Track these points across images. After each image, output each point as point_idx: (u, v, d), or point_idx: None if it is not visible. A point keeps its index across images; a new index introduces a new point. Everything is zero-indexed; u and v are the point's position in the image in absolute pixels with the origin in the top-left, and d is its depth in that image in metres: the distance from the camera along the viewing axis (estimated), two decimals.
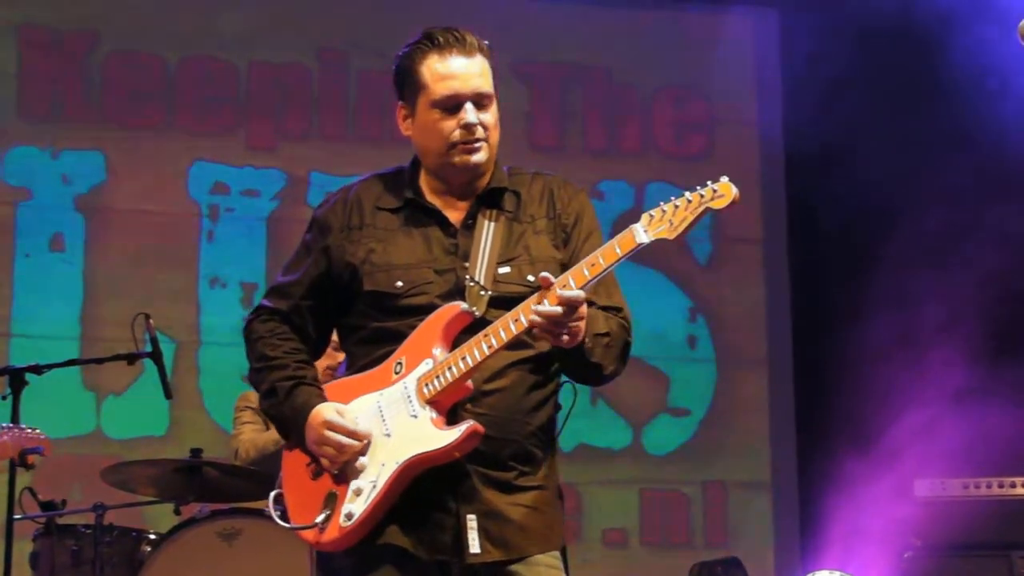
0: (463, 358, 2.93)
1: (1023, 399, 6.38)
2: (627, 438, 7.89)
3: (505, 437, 3.00)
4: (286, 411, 3.08)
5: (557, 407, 3.16)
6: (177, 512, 5.34)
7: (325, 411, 3.02)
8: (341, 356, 3.39)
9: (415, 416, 2.96)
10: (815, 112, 7.52)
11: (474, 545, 2.96)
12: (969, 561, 5.80)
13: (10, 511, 4.74)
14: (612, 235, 3.07)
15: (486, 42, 3.14)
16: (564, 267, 3.05)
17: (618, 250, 2.88)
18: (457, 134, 3.07)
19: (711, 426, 8.01)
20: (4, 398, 4.79)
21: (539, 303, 2.87)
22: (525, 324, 2.88)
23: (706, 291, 8.11)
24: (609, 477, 7.77)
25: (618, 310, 3.12)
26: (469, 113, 3.07)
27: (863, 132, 7.38)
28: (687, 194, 2.89)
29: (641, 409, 7.90)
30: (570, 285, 2.87)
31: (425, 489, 2.97)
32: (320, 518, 2.98)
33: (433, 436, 2.93)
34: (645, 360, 7.68)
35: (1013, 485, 5.86)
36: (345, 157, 7.61)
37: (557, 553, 3.08)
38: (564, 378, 3.16)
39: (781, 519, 7.97)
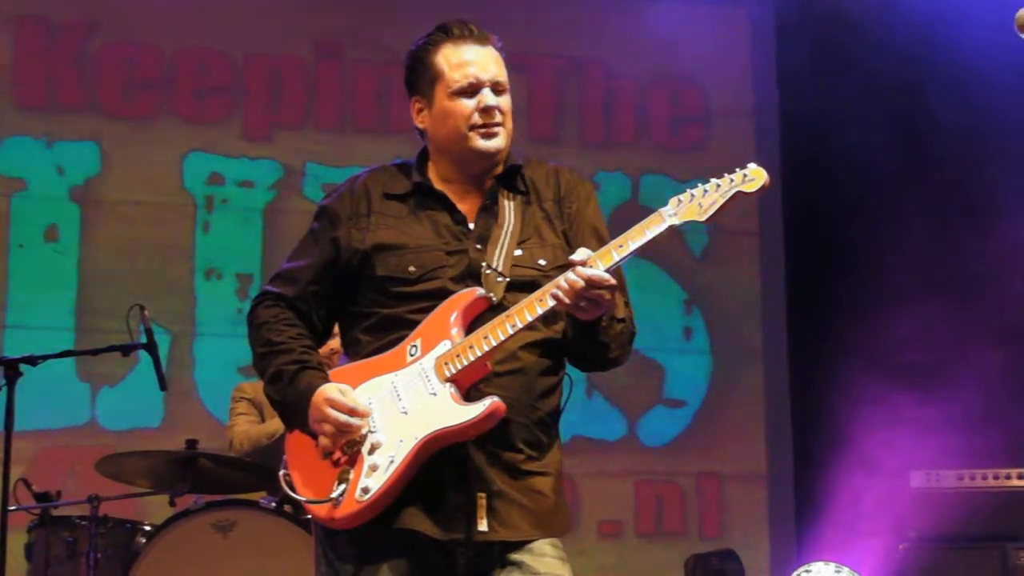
0: (485, 338, 2.94)
1: (1018, 390, 6.39)
2: (622, 429, 7.90)
3: (516, 420, 3.01)
4: (290, 395, 3.07)
5: (562, 396, 3.17)
6: (172, 503, 5.34)
7: (328, 390, 3.02)
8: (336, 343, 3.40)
9: (434, 394, 2.96)
10: (811, 103, 7.52)
11: (482, 524, 2.97)
12: (964, 552, 5.82)
13: (4, 502, 4.72)
14: (607, 227, 3.07)
15: (496, 37, 3.18)
16: (569, 251, 3.08)
17: (647, 232, 2.91)
18: (476, 117, 3.09)
19: (706, 418, 8.02)
20: None
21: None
22: (549, 304, 2.90)
23: (702, 283, 8.12)
24: (604, 468, 7.77)
25: (625, 304, 3.14)
26: (488, 97, 3.09)
27: (860, 123, 7.37)
28: (715, 179, 2.93)
29: (636, 400, 7.90)
30: (597, 267, 2.90)
31: (436, 470, 2.97)
32: (335, 493, 2.97)
33: (455, 412, 2.93)
34: (640, 351, 7.66)
35: (1008, 476, 5.87)
36: (341, 148, 7.61)
37: (559, 541, 3.09)
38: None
39: (776, 511, 7.98)
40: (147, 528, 5.32)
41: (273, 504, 5.22)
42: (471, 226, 3.11)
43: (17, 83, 7.33)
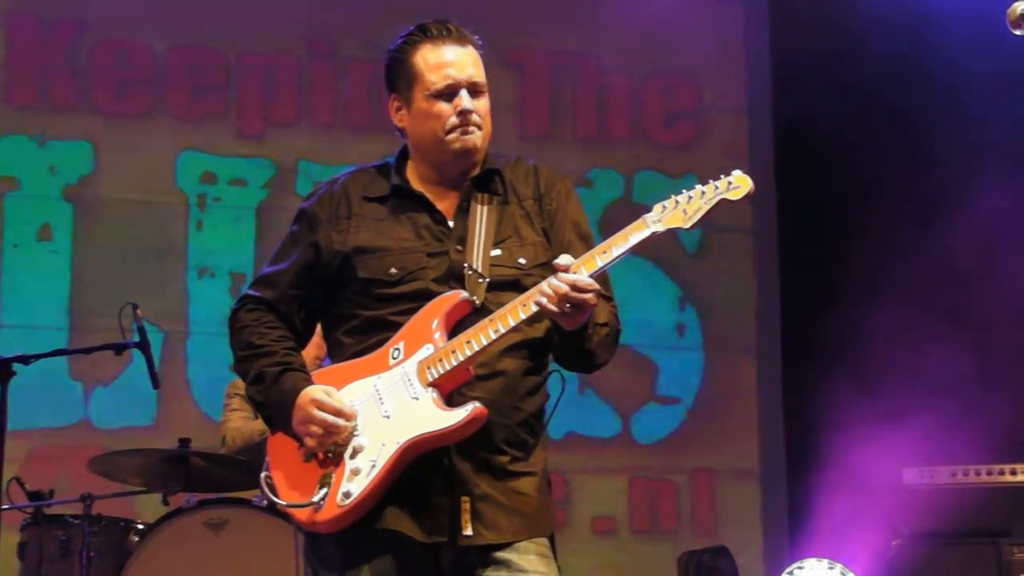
0: (468, 342, 2.94)
1: (1012, 386, 6.40)
2: (616, 426, 7.90)
3: (499, 422, 3.01)
4: (273, 396, 3.08)
5: (547, 395, 3.18)
6: (165, 502, 5.34)
7: (313, 391, 3.02)
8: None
9: (416, 398, 2.96)
10: (806, 98, 7.52)
11: (467, 528, 2.97)
12: (957, 549, 5.82)
13: None
14: (601, 224, 3.07)
15: (476, 36, 3.18)
16: (549, 249, 3.10)
17: (630, 239, 2.92)
18: (454, 119, 3.10)
19: (700, 414, 8.02)
20: None
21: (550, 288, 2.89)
22: (533, 310, 2.90)
23: (695, 279, 8.11)
24: (598, 465, 7.77)
25: (608, 299, 3.14)
26: (465, 100, 3.10)
27: (855, 119, 7.38)
28: (699, 186, 2.93)
29: (630, 397, 7.90)
30: (581, 272, 2.90)
31: (420, 473, 2.97)
32: (317, 497, 2.97)
33: (437, 417, 2.93)
34: (634, 348, 7.69)
35: (1001, 472, 5.88)
36: (334, 146, 7.60)
37: (546, 540, 3.09)
38: (553, 366, 3.19)
39: (769, 507, 7.98)
40: (140, 526, 5.33)
41: (265, 502, 5.21)
42: (451, 224, 3.11)
43: (9, 81, 7.32)
